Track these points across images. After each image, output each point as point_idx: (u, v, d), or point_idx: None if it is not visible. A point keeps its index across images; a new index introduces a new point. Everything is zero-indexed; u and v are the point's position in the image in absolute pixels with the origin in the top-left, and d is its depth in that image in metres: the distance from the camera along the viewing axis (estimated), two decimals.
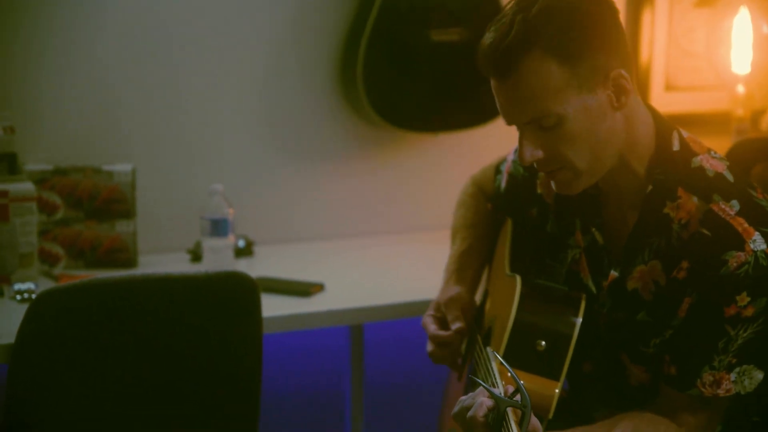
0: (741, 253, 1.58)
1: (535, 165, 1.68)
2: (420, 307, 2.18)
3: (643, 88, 3.28)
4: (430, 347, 1.89)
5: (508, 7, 1.64)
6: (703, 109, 3.34)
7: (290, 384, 2.95)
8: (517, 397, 1.46)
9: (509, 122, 1.66)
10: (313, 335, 2.85)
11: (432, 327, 1.88)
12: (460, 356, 1.92)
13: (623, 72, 1.61)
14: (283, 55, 2.88)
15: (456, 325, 1.85)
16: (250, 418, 2.12)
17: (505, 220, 2.01)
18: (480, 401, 1.46)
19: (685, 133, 1.73)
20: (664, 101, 3.31)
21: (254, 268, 2.65)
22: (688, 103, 3.33)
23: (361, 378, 2.85)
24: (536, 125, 1.62)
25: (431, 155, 3.05)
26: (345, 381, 2.89)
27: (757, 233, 1.60)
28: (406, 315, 2.43)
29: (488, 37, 1.63)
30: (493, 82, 1.65)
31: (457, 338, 1.85)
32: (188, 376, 2.07)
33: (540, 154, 1.64)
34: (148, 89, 2.78)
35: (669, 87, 3.33)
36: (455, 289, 1.91)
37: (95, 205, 2.59)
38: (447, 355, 1.88)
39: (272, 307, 2.32)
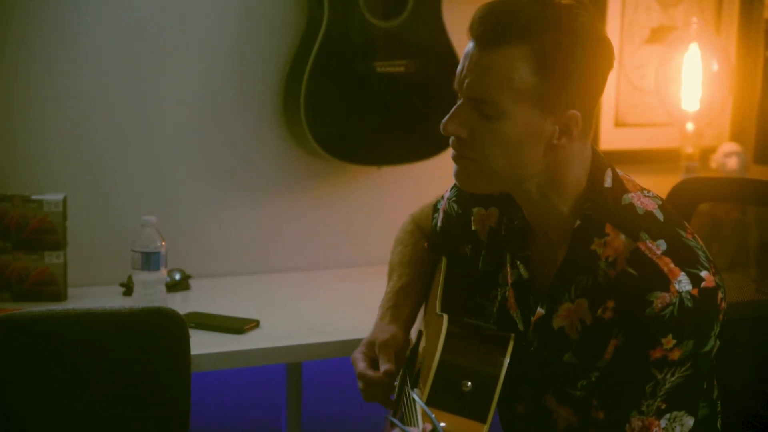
0: (666, 294, 1.55)
1: (450, 142, 1.66)
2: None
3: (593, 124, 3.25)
4: (360, 385, 1.85)
5: None
6: (652, 146, 3.34)
7: (226, 423, 2.89)
8: None
9: (457, 87, 1.65)
10: (250, 373, 2.80)
11: (361, 365, 1.84)
12: (394, 393, 1.87)
13: (579, 116, 1.60)
14: (223, 84, 2.85)
15: (385, 367, 1.80)
16: None
17: (441, 258, 1.97)
18: None
19: (620, 172, 1.70)
20: (613, 137, 3.30)
21: (189, 302, 2.61)
22: (638, 139, 3.33)
23: (298, 418, 2.79)
24: (478, 107, 1.61)
25: (373, 188, 3.02)
26: (281, 420, 2.83)
27: (682, 274, 1.56)
28: (345, 353, 2.37)
29: (494, 4, 1.62)
30: (470, 45, 1.63)
31: (386, 380, 1.81)
32: (115, 414, 2.01)
33: (464, 133, 1.63)
34: (81, 116, 2.74)
35: (619, 123, 3.31)
36: (390, 330, 1.87)
37: (23, 235, 2.53)
38: (377, 393, 1.83)
39: (204, 344, 2.27)
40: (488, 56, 1.59)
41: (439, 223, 1.95)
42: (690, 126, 3.20)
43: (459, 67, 1.64)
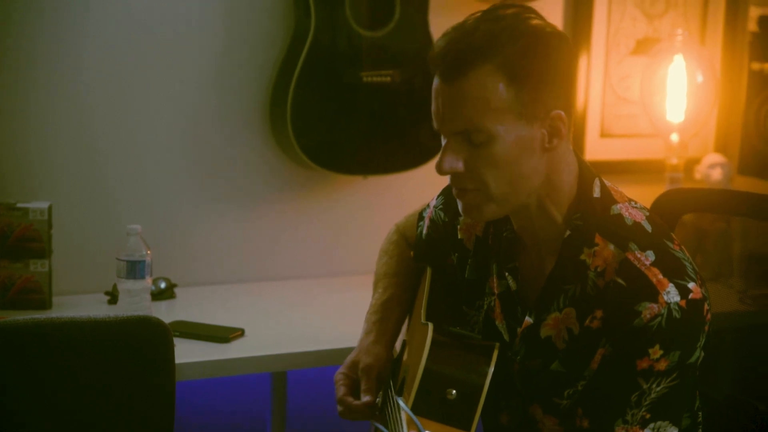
0: (654, 305, 1.55)
1: (449, 180, 1.65)
2: (345, 354, 2.13)
3: (579, 134, 3.27)
4: (339, 408, 1.83)
5: (473, 16, 1.63)
6: (637, 157, 3.35)
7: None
8: None
9: (439, 127, 1.64)
10: (235, 382, 2.79)
11: (342, 390, 1.82)
12: (376, 411, 1.87)
13: (563, 115, 1.61)
14: (209, 94, 2.85)
15: (366, 398, 1.79)
16: None
17: (426, 267, 1.97)
18: None
19: (607, 183, 1.71)
20: (599, 148, 3.31)
21: (174, 311, 2.60)
22: (623, 150, 3.34)
23: (283, 427, 2.79)
24: (465, 138, 1.60)
25: (360, 198, 3.02)
26: (266, 430, 2.82)
27: (671, 285, 1.57)
28: (330, 362, 2.37)
29: (448, 35, 1.61)
30: (436, 82, 1.62)
31: (365, 410, 1.79)
32: (99, 422, 2.01)
33: (460, 167, 1.62)
34: (67, 124, 2.73)
35: (604, 134, 3.33)
36: (375, 350, 1.85)
37: (8, 243, 2.52)
38: (351, 416, 1.82)
39: (189, 352, 2.27)
40: (458, 86, 1.58)
41: (424, 231, 1.94)
42: (675, 137, 3.21)
43: (433, 107, 1.63)
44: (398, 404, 1.67)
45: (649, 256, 1.59)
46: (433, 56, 1.61)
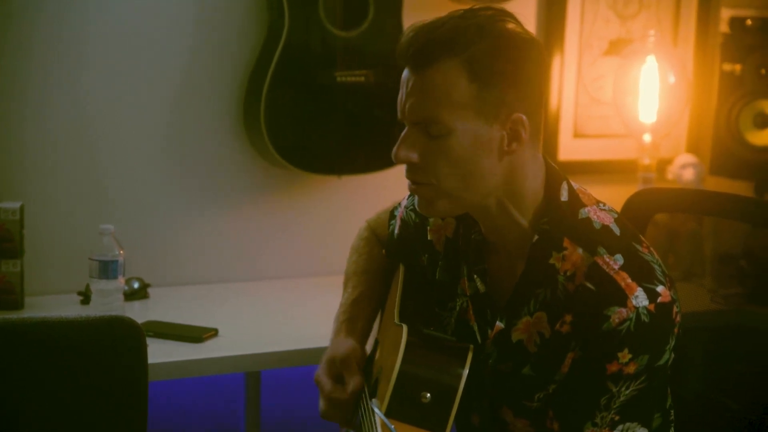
0: (623, 309, 1.56)
1: (405, 173, 1.65)
2: (319, 354, 2.13)
3: (552, 135, 3.29)
4: (323, 406, 1.81)
5: (453, 12, 1.63)
6: (610, 157, 3.37)
7: None
8: None
9: (401, 116, 1.65)
10: (209, 382, 2.78)
11: (328, 386, 1.80)
12: (353, 413, 1.86)
13: (525, 119, 1.60)
14: (182, 94, 2.84)
15: (352, 384, 1.78)
16: None
17: (399, 266, 1.96)
18: None
19: (575, 185, 1.70)
20: (572, 148, 3.33)
21: (147, 311, 2.59)
22: (596, 150, 3.36)
23: (257, 427, 2.79)
24: (423, 129, 1.61)
25: (335, 198, 3.01)
26: (240, 429, 2.82)
27: (639, 289, 1.57)
28: (304, 362, 2.37)
29: (417, 26, 1.62)
30: (404, 73, 1.63)
31: (353, 399, 1.79)
32: (71, 423, 1.98)
33: (415, 157, 1.62)
34: (38, 124, 2.71)
35: (577, 134, 3.34)
36: (348, 343, 1.85)
37: None
38: (341, 413, 1.81)
39: (162, 352, 2.27)
40: (423, 77, 1.59)
41: (396, 230, 1.94)
42: (647, 137, 3.23)
43: (399, 96, 1.64)
44: (371, 408, 1.67)
45: (618, 260, 1.60)
46: (400, 45, 1.62)
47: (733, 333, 2.73)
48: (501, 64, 1.58)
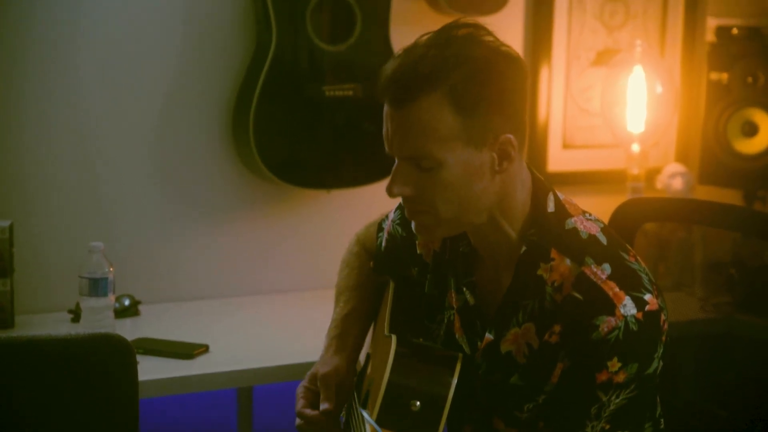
0: (611, 318, 1.56)
1: (401, 202, 1.66)
2: (310, 368, 2.13)
3: (541, 146, 3.30)
4: (297, 421, 1.83)
5: (425, 38, 1.62)
6: (599, 168, 3.38)
7: None
8: None
9: (389, 150, 1.65)
10: (201, 398, 2.78)
11: (300, 402, 1.82)
12: (337, 429, 1.86)
13: (512, 138, 1.60)
14: (171, 109, 2.84)
15: (324, 406, 1.79)
16: None
17: (389, 279, 1.96)
18: None
19: (561, 195, 1.71)
20: (561, 159, 3.33)
21: (138, 328, 2.59)
22: (585, 161, 3.36)
23: None
24: (414, 163, 1.61)
25: (324, 212, 3.02)
26: None
27: (627, 298, 1.58)
28: (296, 377, 2.36)
29: (395, 62, 1.61)
30: (386, 108, 1.63)
31: (323, 420, 1.79)
32: None
33: (408, 191, 1.63)
34: (26, 142, 2.71)
35: (566, 145, 3.35)
36: (333, 362, 1.86)
37: None
38: (311, 429, 1.81)
39: (153, 369, 2.26)
40: (406, 113, 1.58)
41: (383, 244, 1.94)
42: (635, 147, 3.24)
43: (384, 129, 1.64)
44: (363, 417, 1.67)
45: (605, 270, 1.60)
46: (381, 82, 1.61)
47: (723, 341, 2.73)
48: (483, 90, 1.57)
